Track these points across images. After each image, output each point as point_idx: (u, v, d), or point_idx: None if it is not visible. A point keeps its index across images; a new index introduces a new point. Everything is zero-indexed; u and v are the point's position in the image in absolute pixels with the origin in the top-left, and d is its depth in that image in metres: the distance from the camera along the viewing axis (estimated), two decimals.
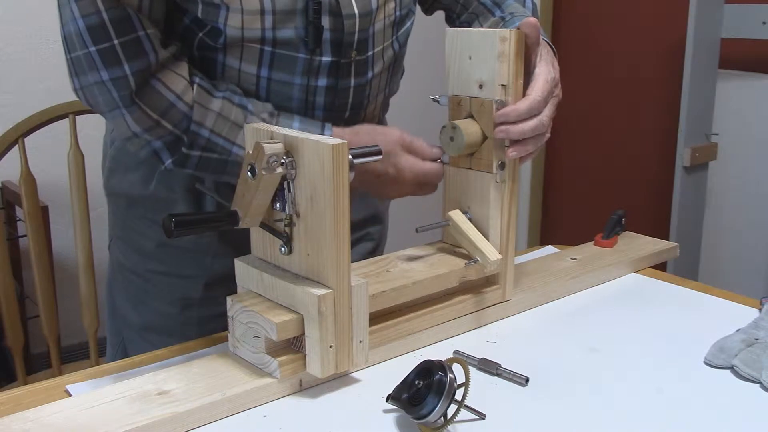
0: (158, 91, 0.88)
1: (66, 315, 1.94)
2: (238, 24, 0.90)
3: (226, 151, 0.92)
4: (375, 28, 0.99)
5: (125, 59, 0.85)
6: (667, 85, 2.73)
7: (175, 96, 0.89)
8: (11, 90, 2.30)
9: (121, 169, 1.05)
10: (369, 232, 1.17)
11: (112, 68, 0.85)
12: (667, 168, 2.48)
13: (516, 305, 1.00)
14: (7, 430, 0.69)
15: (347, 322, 0.77)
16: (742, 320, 0.94)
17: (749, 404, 0.78)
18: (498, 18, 1.10)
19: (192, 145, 0.91)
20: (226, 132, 0.91)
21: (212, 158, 0.92)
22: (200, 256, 1.04)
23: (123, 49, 0.85)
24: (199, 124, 0.90)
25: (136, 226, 1.06)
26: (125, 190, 1.05)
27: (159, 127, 0.89)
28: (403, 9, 1.03)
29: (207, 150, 0.91)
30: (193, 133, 0.90)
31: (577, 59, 3.13)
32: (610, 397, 0.79)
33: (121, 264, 1.10)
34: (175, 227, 0.73)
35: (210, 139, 0.91)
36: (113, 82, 0.86)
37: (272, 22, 0.91)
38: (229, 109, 0.91)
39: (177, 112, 0.89)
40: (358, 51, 0.98)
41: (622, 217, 1.23)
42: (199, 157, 0.92)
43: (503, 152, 0.91)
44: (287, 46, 0.93)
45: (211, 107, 0.90)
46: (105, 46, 0.84)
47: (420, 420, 0.70)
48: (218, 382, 0.77)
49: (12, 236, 2.14)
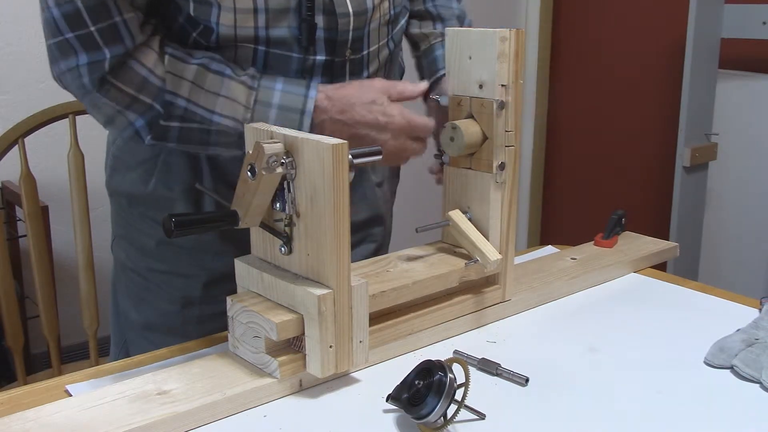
0: (131, 68, 0.87)
1: (66, 315, 1.94)
2: (230, 22, 0.89)
3: (206, 121, 0.90)
4: (370, 27, 0.98)
5: (103, 44, 0.84)
6: (667, 85, 2.73)
7: (147, 70, 0.87)
8: (11, 90, 2.30)
9: (122, 168, 1.05)
10: (371, 233, 1.17)
11: (91, 52, 0.84)
12: (667, 168, 2.48)
13: (516, 305, 1.00)
14: (7, 430, 0.69)
15: (347, 322, 0.77)
16: (742, 320, 0.94)
17: (749, 404, 0.78)
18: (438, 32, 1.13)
19: (169, 117, 0.89)
20: (203, 101, 0.89)
21: (193, 128, 0.90)
22: (200, 254, 1.04)
23: (100, 35, 0.84)
24: (174, 94, 0.88)
25: (137, 224, 1.06)
26: (126, 189, 1.05)
27: (137, 103, 0.88)
28: (397, 7, 1.03)
29: (186, 120, 0.90)
30: (168, 104, 0.88)
31: (577, 59, 3.13)
32: (610, 397, 0.79)
33: (123, 263, 1.10)
34: (175, 227, 0.73)
35: (188, 109, 0.89)
36: (89, 66, 0.85)
37: (265, 20, 0.90)
38: (203, 76, 0.90)
39: (151, 86, 0.88)
40: (353, 50, 0.98)
41: (622, 217, 1.23)
42: (179, 128, 0.90)
43: (504, 152, 0.91)
44: (281, 45, 0.93)
45: (185, 76, 0.89)
46: (82, 32, 0.84)
47: (420, 420, 0.70)
48: (218, 382, 0.77)
49: (12, 236, 2.14)
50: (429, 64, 1.12)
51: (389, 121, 0.94)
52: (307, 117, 0.91)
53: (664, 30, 2.74)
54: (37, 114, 1.56)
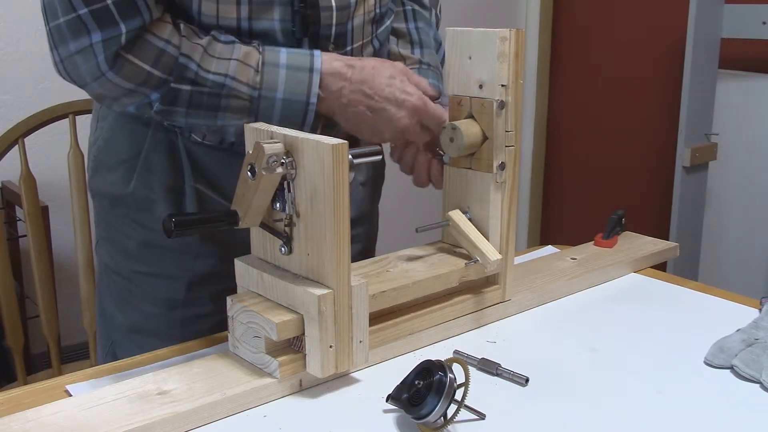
0: (147, 41, 0.86)
1: (66, 315, 1.94)
2: (212, 12, 0.89)
3: (217, 85, 0.89)
4: (354, 23, 0.98)
5: (120, 18, 0.83)
6: (667, 85, 2.73)
7: (164, 41, 0.86)
8: (11, 90, 2.30)
9: (102, 169, 1.04)
10: (356, 233, 1.16)
11: (106, 29, 0.83)
12: (667, 168, 2.48)
13: (516, 305, 0.99)
14: (7, 430, 0.69)
15: (347, 322, 0.77)
16: (742, 320, 0.94)
17: (749, 404, 0.78)
18: (416, 59, 1.12)
19: (181, 79, 0.88)
20: (214, 66, 0.89)
21: (204, 92, 0.89)
22: (183, 256, 1.02)
23: (117, 9, 0.82)
24: (188, 57, 0.87)
25: (119, 226, 1.04)
26: (107, 190, 1.04)
27: (152, 78, 0.86)
28: (383, 7, 1.02)
29: (196, 84, 0.88)
30: (182, 66, 0.87)
31: (577, 59, 3.13)
32: (610, 397, 0.79)
33: (107, 265, 1.09)
34: (174, 227, 0.73)
35: (198, 73, 0.88)
36: (104, 43, 0.83)
37: (248, 12, 0.90)
38: (213, 45, 0.89)
39: (169, 57, 0.87)
40: (336, 45, 0.97)
41: (622, 217, 1.23)
42: (190, 92, 0.88)
43: (504, 152, 0.91)
44: (264, 38, 0.92)
45: (198, 42, 0.88)
46: (97, 6, 0.82)
47: (420, 420, 0.71)
48: (218, 382, 0.77)
49: (12, 236, 2.14)
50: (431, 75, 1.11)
51: (407, 98, 0.94)
52: (316, 74, 0.91)
53: (664, 30, 2.74)
54: (37, 114, 1.56)
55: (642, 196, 2.89)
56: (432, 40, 1.15)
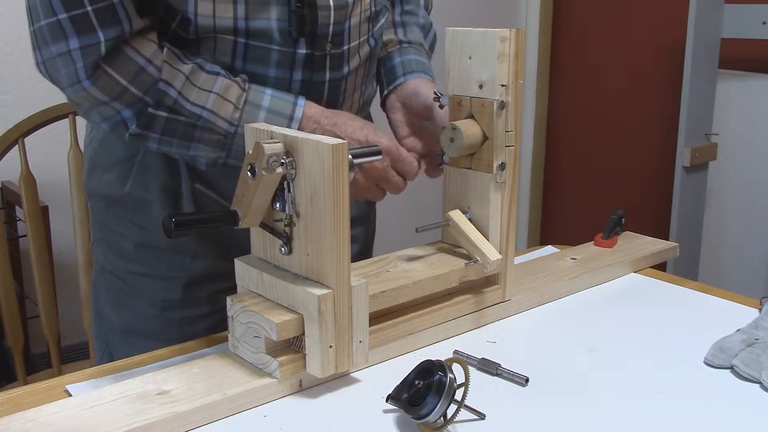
0: (128, 56, 0.85)
1: (66, 315, 1.94)
2: (209, 12, 0.88)
3: (194, 116, 0.89)
4: (351, 22, 0.98)
5: (99, 26, 0.82)
6: (667, 86, 2.73)
7: (145, 60, 0.86)
8: (11, 90, 2.30)
9: (98, 169, 1.04)
10: (355, 233, 1.16)
11: (84, 36, 0.82)
12: (667, 168, 2.48)
13: (516, 305, 1.00)
14: (7, 430, 0.69)
15: (347, 322, 0.77)
16: (742, 320, 0.94)
17: (749, 404, 0.78)
18: (396, 39, 1.12)
19: (159, 105, 0.87)
20: (194, 96, 0.88)
21: (180, 121, 0.89)
22: (179, 256, 1.02)
23: (96, 16, 0.82)
24: (167, 84, 0.87)
25: (115, 227, 1.04)
26: (103, 191, 1.04)
27: (127, 94, 0.86)
28: (378, 5, 1.02)
29: (174, 112, 0.88)
30: (161, 92, 0.87)
31: (577, 59, 3.13)
32: (610, 397, 0.79)
33: (102, 266, 1.09)
34: (174, 227, 0.73)
35: (177, 101, 0.88)
36: (82, 51, 0.83)
37: (245, 11, 0.89)
38: (197, 74, 0.89)
39: (147, 76, 0.86)
40: (333, 44, 0.97)
41: (622, 217, 1.23)
42: (166, 119, 0.88)
43: (504, 152, 0.91)
44: (261, 37, 0.92)
45: (180, 69, 0.88)
46: (77, 13, 0.81)
47: (420, 420, 0.71)
48: (218, 382, 0.77)
49: (12, 236, 2.14)
50: (387, 72, 1.11)
51: (379, 141, 0.93)
52: (294, 123, 0.92)
53: (664, 30, 2.74)
54: (37, 114, 1.56)
55: (642, 196, 2.89)
56: (417, 18, 1.15)
